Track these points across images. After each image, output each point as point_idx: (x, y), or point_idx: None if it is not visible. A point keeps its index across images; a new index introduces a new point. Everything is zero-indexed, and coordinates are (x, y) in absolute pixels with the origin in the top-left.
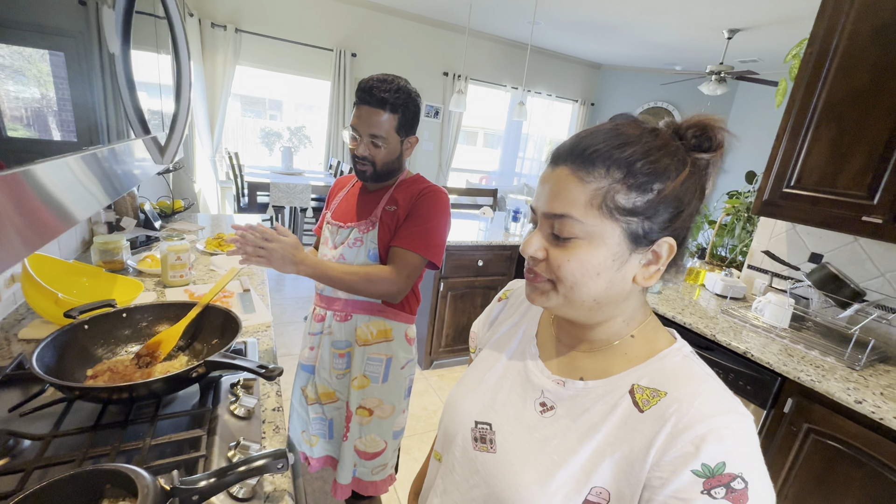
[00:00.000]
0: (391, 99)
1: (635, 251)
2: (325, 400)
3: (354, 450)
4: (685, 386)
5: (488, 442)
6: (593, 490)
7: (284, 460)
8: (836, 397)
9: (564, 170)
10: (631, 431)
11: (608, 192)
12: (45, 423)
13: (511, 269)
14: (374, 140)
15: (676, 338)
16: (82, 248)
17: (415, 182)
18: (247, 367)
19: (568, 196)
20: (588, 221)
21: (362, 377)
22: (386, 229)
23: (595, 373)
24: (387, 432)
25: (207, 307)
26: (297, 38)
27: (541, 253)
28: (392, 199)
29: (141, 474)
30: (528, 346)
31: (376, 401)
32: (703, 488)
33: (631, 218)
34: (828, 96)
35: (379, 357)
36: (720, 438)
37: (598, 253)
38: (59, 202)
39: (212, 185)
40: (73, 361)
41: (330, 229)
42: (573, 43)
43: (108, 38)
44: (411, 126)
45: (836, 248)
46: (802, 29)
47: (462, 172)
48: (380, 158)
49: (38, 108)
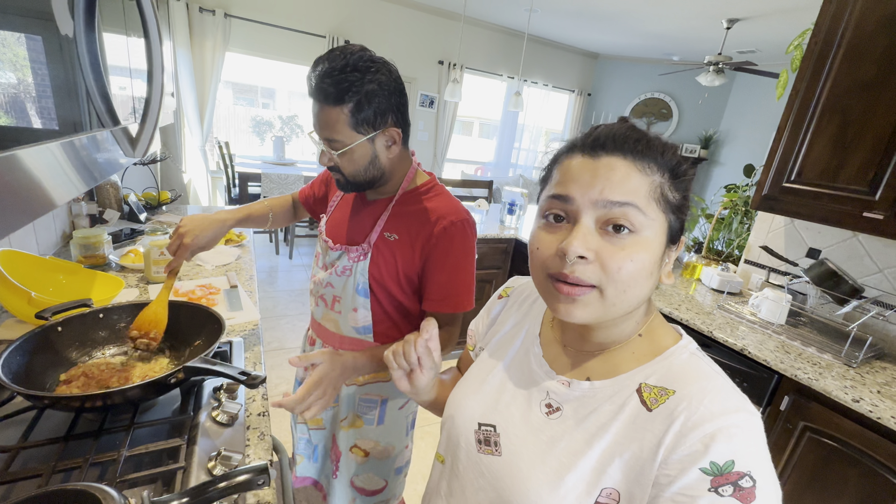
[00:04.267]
0: (334, 87)
1: (668, 249)
2: (311, 425)
3: (352, 485)
4: (693, 384)
5: (493, 444)
6: (604, 491)
7: (266, 476)
8: (833, 395)
9: (617, 159)
10: (640, 431)
11: (661, 185)
12: (13, 432)
13: (507, 263)
14: (332, 144)
15: (682, 334)
16: (62, 243)
17: (427, 198)
18: (228, 374)
19: (630, 185)
20: (649, 213)
21: (354, 416)
22: (381, 262)
23: (601, 372)
24: (387, 472)
25: (191, 306)
26: (289, 23)
27: (591, 254)
28: (393, 220)
29: (108, 493)
30: (532, 346)
31: (372, 443)
32: (711, 486)
33: (672, 215)
34: (832, 88)
35: (373, 399)
36: (729, 437)
37: (653, 250)
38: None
39: (202, 175)
40: (45, 366)
41: (321, 245)
42: (570, 32)
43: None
44: (380, 115)
45: (835, 243)
46: (803, 19)
47: (457, 163)
48: (345, 167)
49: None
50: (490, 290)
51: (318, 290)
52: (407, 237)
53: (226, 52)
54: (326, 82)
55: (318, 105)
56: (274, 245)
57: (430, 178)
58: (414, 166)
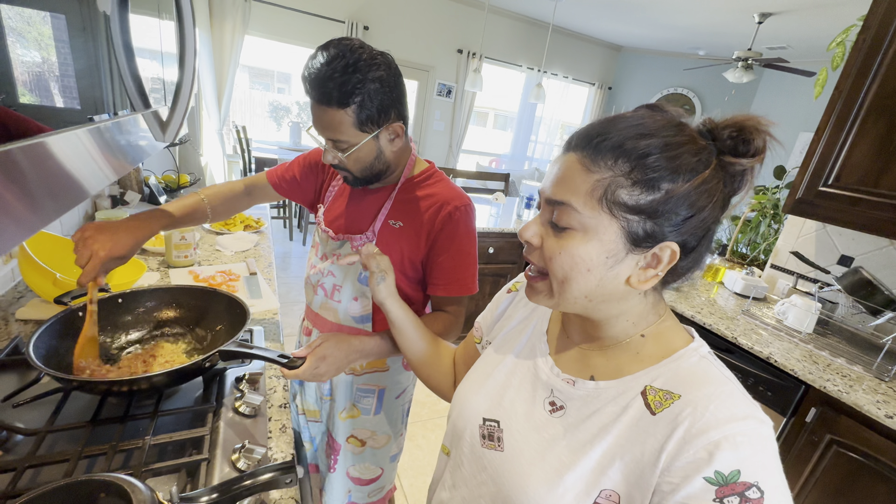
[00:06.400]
0: (337, 90)
1: (633, 251)
2: (309, 416)
3: (347, 475)
4: (700, 389)
5: (496, 440)
6: (603, 493)
7: (293, 474)
8: (864, 410)
9: (573, 156)
10: (642, 434)
11: (610, 184)
12: (40, 414)
13: (522, 258)
14: (337, 144)
15: (694, 336)
16: (85, 223)
17: (428, 184)
18: (267, 356)
19: (570, 183)
20: (585, 213)
21: (352, 407)
22: (385, 249)
23: (606, 372)
24: (383, 460)
25: (212, 291)
26: (308, 7)
27: (536, 239)
28: (397, 207)
29: (137, 487)
30: (538, 343)
31: (368, 432)
32: (716, 496)
33: (631, 216)
34: (879, 88)
35: (370, 388)
36: (735, 445)
37: (590, 247)
38: (70, 174)
39: (219, 158)
40: (72, 349)
41: (320, 235)
42: (595, 23)
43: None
44: (383, 112)
45: (870, 251)
46: (842, 15)
47: (472, 154)
48: (352, 166)
49: (39, 74)
50: (505, 284)
51: (317, 279)
52: (411, 224)
53: (245, 36)
54: (329, 85)
55: (319, 107)
56: (288, 231)
57: (430, 165)
58: (413, 154)
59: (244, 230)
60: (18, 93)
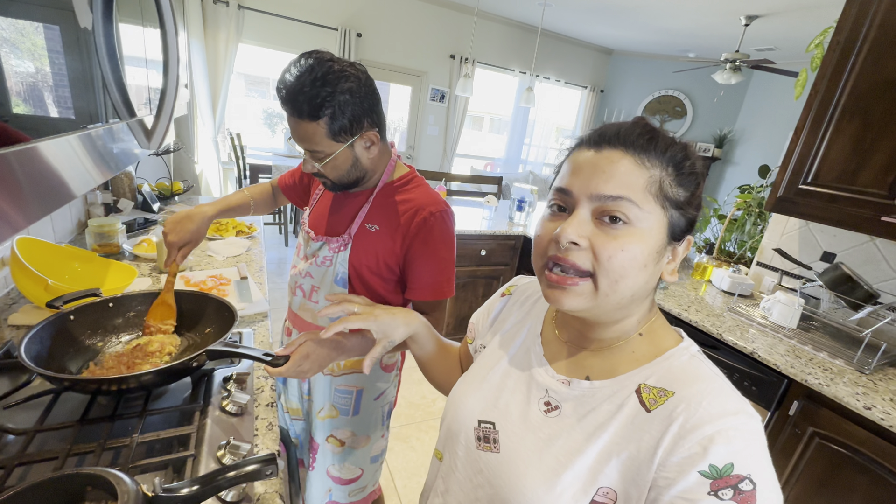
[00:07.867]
0: (307, 103)
1: (669, 245)
2: (293, 415)
3: (328, 474)
4: (693, 386)
5: (492, 441)
6: (600, 490)
7: (274, 466)
8: (844, 402)
9: (618, 153)
10: (638, 431)
11: (663, 180)
12: (30, 415)
13: (514, 260)
14: (314, 154)
15: (683, 337)
16: (78, 231)
17: (406, 189)
18: (252, 355)
19: (625, 178)
20: (645, 208)
21: (331, 407)
22: (362, 252)
23: (601, 372)
24: (363, 461)
25: (202, 295)
26: (301, 15)
27: (583, 241)
28: (374, 211)
29: (122, 479)
30: (533, 345)
31: (348, 433)
32: (711, 489)
33: (674, 211)
34: (853, 88)
35: (348, 389)
36: (728, 439)
37: (647, 243)
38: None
39: (214, 166)
40: (63, 351)
41: (303, 237)
42: (584, 26)
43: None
44: (356, 122)
45: (851, 247)
46: (825, 17)
47: (467, 158)
48: (330, 174)
49: (32, 84)
50: (497, 286)
51: (296, 280)
52: (387, 228)
53: (239, 44)
54: (300, 99)
55: (293, 119)
56: (283, 237)
57: (410, 170)
58: (393, 158)
59: (236, 235)
60: (12, 103)
